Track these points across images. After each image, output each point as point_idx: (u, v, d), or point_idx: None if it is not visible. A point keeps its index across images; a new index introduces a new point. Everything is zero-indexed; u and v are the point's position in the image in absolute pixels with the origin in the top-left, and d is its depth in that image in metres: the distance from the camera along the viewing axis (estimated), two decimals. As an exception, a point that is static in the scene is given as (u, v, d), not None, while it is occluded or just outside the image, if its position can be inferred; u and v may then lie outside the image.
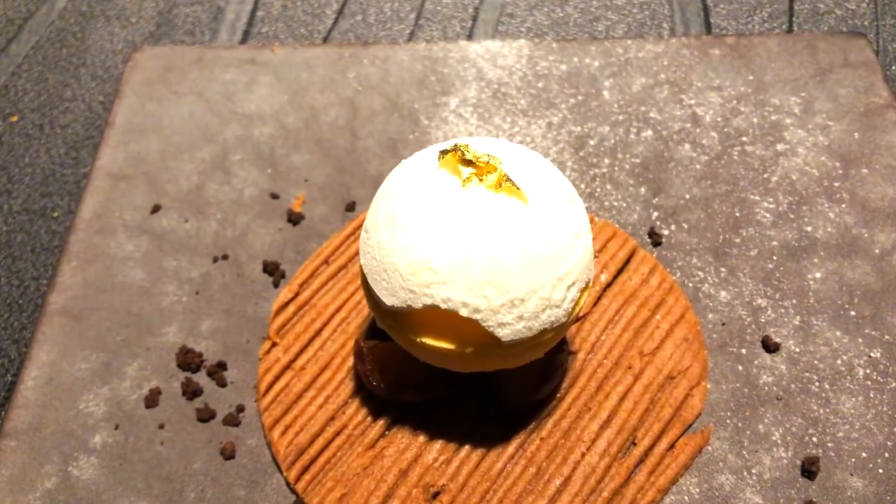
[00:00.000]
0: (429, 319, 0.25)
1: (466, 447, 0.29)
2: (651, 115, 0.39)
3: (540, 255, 0.23)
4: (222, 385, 0.31)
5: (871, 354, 0.31)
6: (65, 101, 0.42)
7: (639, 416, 0.29)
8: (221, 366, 0.31)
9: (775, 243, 0.34)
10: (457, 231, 0.23)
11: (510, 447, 0.29)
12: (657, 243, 0.34)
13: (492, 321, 0.23)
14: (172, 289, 0.34)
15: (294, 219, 0.36)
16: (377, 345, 0.29)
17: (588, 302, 0.32)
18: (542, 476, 0.28)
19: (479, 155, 0.24)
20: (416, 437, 0.29)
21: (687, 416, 0.29)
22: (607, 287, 0.32)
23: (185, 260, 0.34)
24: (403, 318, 0.25)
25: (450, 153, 0.24)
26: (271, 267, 0.34)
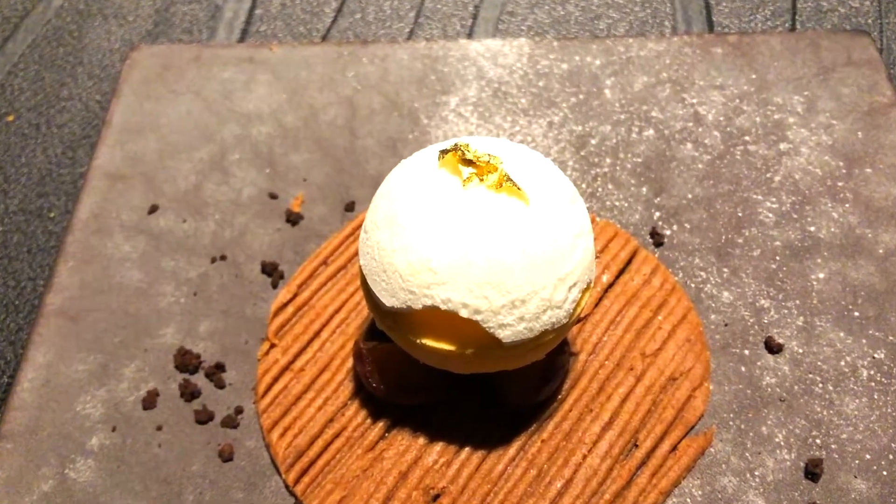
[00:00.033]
0: (429, 320, 0.25)
1: (467, 449, 0.29)
2: (653, 114, 0.39)
3: (541, 255, 0.23)
4: (220, 387, 0.31)
5: (875, 355, 0.31)
6: (61, 100, 0.42)
7: (641, 417, 0.29)
8: (220, 367, 0.31)
9: (778, 243, 0.34)
10: (457, 231, 0.23)
11: (511, 449, 0.28)
12: (659, 243, 0.34)
13: (492, 322, 0.23)
14: (170, 290, 0.34)
15: (293, 219, 0.35)
16: (377, 346, 0.29)
17: (589, 303, 0.32)
18: (543, 478, 0.28)
19: (479, 154, 0.24)
20: (416, 439, 0.29)
21: (689, 417, 0.29)
22: (609, 288, 0.32)
23: (183, 260, 0.34)
24: (403, 319, 0.25)
25: (450, 153, 0.24)
26: (270, 267, 0.34)
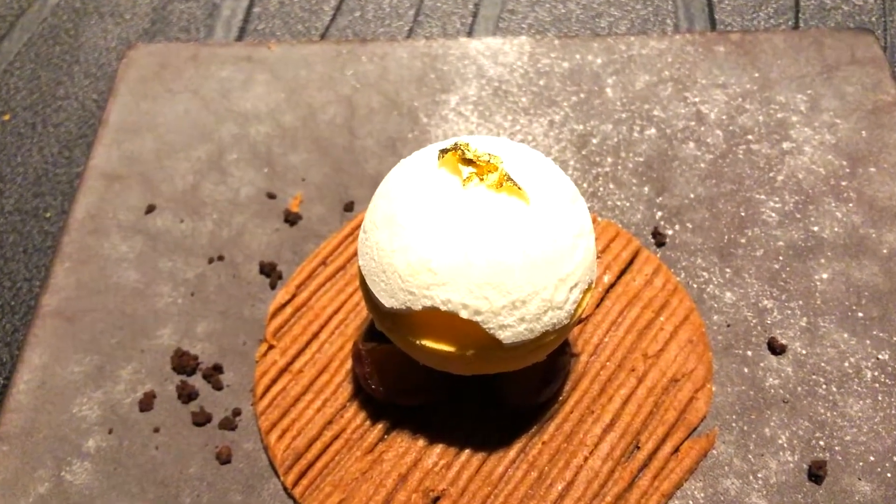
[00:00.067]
0: (428, 321, 0.25)
1: (467, 451, 0.28)
2: (655, 113, 0.38)
3: (541, 255, 0.23)
4: (218, 388, 0.31)
5: (879, 356, 0.31)
6: (58, 99, 0.42)
7: (642, 419, 0.29)
8: (217, 369, 0.31)
9: (781, 243, 0.34)
10: (457, 231, 0.23)
11: (511, 451, 0.28)
12: (661, 243, 0.34)
13: (493, 323, 0.23)
14: (167, 290, 0.33)
15: (291, 219, 0.35)
16: (376, 347, 0.29)
17: (591, 303, 0.32)
18: (543, 480, 0.28)
19: (479, 154, 0.24)
20: (415, 441, 0.29)
21: (691, 419, 0.29)
22: (610, 288, 0.32)
23: (181, 261, 0.34)
24: (403, 320, 0.25)
25: (450, 152, 0.24)
26: (268, 268, 0.34)
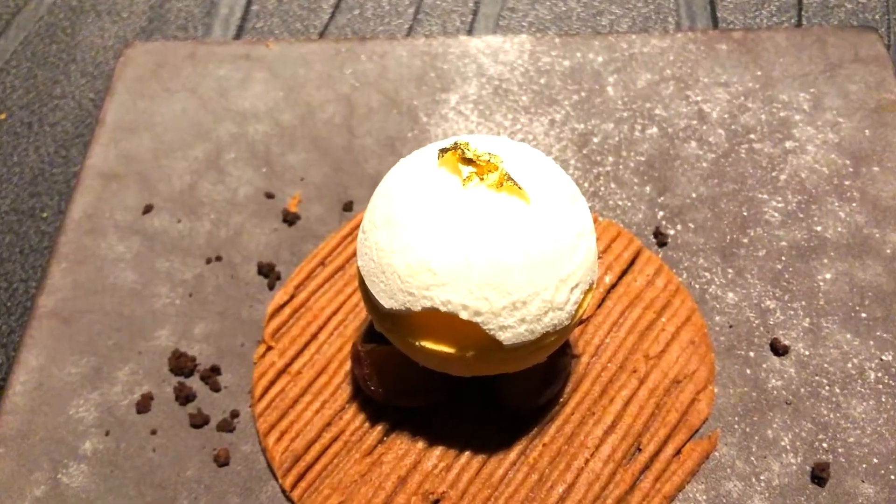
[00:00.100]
0: (428, 322, 0.25)
1: (467, 453, 0.28)
2: (656, 111, 0.38)
3: (542, 256, 0.23)
4: (216, 390, 0.31)
5: (883, 357, 0.31)
6: (54, 98, 0.42)
7: (644, 421, 0.29)
8: (215, 370, 0.31)
9: (784, 243, 0.34)
10: (457, 232, 0.23)
11: (512, 453, 0.28)
12: (663, 243, 0.34)
13: (493, 324, 0.23)
14: (165, 291, 0.33)
15: (290, 219, 0.35)
16: (375, 348, 0.29)
17: (592, 304, 0.31)
18: (544, 483, 0.28)
19: (479, 153, 0.24)
20: (415, 444, 0.29)
21: (693, 421, 0.29)
22: (611, 289, 0.32)
23: (178, 261, 0.34)
24: (402, 320, 0.25)
25: (449, 151, 0.24)
26: (266, 268, 0.34)
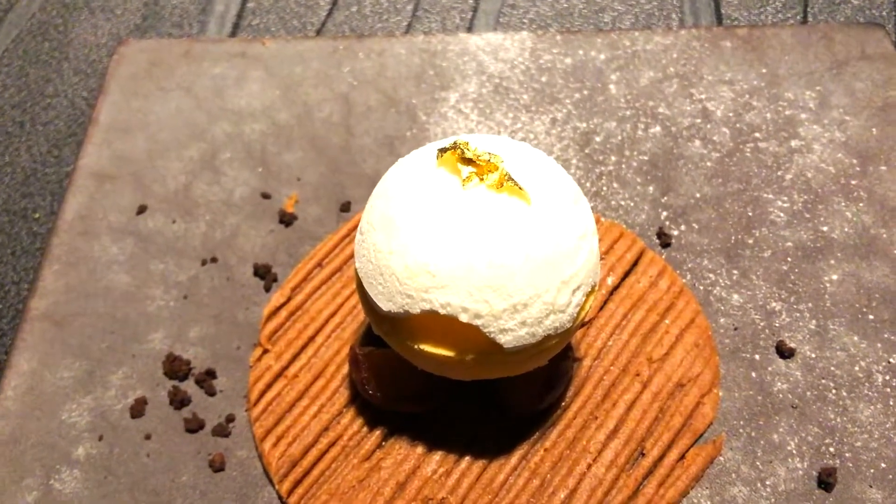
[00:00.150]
0: (427, 325, 0.24)
1: (467, 458, 0.28)
2: (659, 110, 0.38)
3: (543, 257, 0.23)
4: (211, 394, 0.31)
5: (891, 360, 0.31)
6: (46, 97, 0.43)
7: (647, 425, 0.29)
8: (210, 374, 0.31)
9: (790, 244, 0.34)
10: (456, 233, 0.23)
11: (513, 458, 0.28)
12: (666, 244, 0.34)
13: (493, 327, 0.23)
14: (159, 293, 0.33)
15: (286, 220, 0.35)
16: (373, 351, 0.29)
17: (594, 306, 0.31)
18: (546, 488, 0.28)
19: (479, 153, 0.24)
20: (414, 448, 0.28)
21: (698, 425, 0.29)
22: (614, 290, 0.32)
23: (173, 263, 0.34)
24: (401, 323, 0.25)
25: (449, 151, 0.24)
26: (262, 270, 0.34)
